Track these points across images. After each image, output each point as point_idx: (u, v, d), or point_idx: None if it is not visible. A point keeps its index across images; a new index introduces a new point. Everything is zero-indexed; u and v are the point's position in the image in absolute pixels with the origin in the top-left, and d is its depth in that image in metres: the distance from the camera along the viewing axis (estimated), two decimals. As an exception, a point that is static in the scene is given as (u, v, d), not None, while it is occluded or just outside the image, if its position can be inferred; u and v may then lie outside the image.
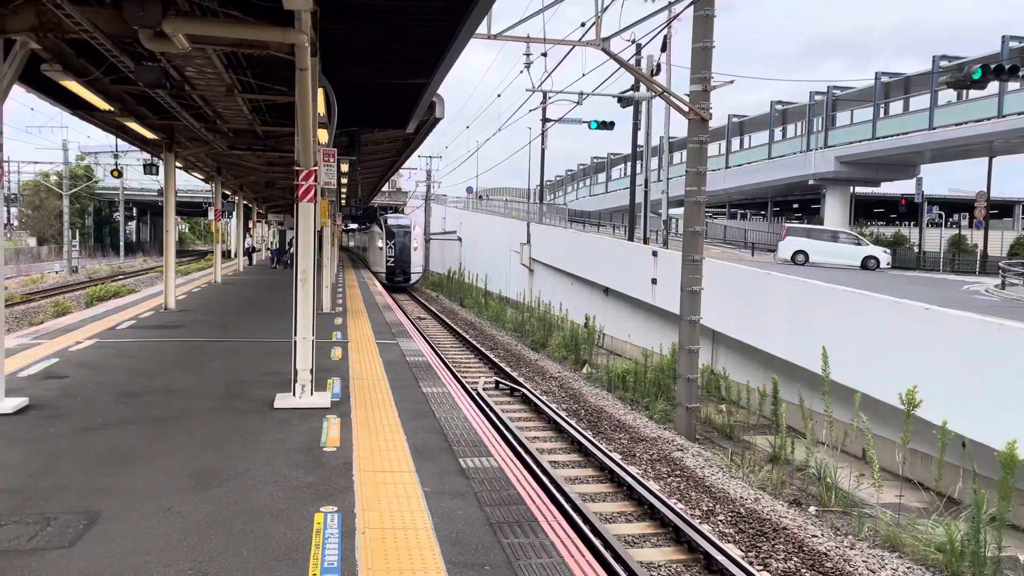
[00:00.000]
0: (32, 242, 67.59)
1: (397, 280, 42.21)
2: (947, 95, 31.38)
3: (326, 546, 4.70)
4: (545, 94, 30.41)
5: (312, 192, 8.42)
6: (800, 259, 28.00)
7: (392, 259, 42.56)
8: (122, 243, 65.79)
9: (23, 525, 4.88)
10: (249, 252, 39.94)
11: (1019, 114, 27.43)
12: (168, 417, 7.69)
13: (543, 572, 4.43)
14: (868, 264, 27.40)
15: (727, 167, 46.62)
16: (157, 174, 22.78)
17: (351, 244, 78.98)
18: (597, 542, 7.97)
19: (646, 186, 29.84)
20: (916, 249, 40.63)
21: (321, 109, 11.10)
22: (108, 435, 6.99)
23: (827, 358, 12.46)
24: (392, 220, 44.93)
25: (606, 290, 27.02)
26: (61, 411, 7.79)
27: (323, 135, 12.49)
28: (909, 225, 54.30)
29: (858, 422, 12.19)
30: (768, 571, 8.24)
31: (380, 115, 16.12)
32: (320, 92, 10.07)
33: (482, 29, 14.08)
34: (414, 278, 44.61)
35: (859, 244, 29.11)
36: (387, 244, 42.62)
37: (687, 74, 14.68)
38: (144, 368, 10.23)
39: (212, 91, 12.18)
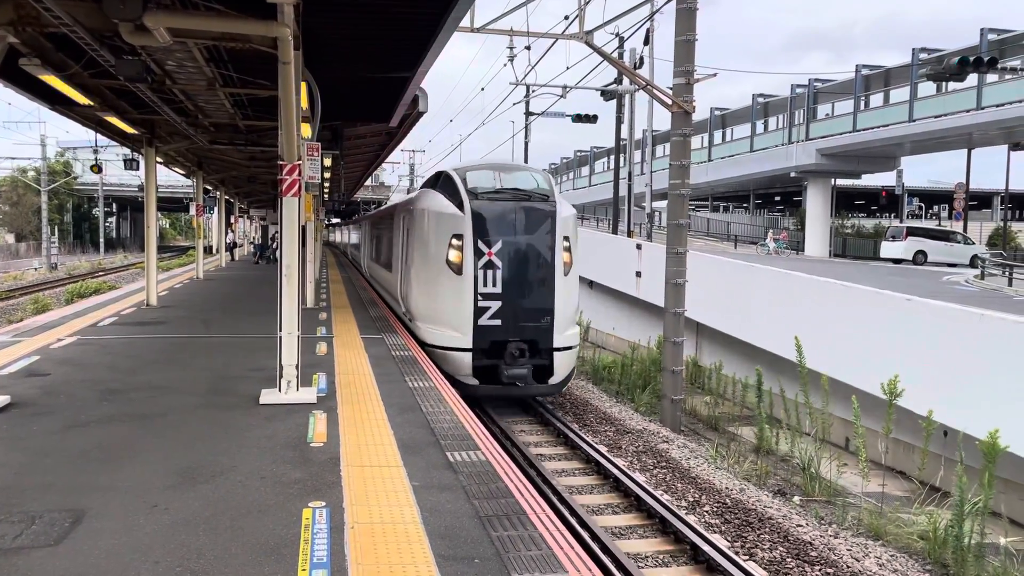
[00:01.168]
0: (10, 239, 66.93)
1: (514, 372, 12.79)
2: (927, 88, 31.64)
3: (315, 541, 4.69)
4: (528, 87, 30.39)
5: (296, 186, 8.37)
6: (920, 259, 30.05)
7: (497, 306, 12.97)
8: (102, 239, 65.19)
9: (7, 524, 4.83)
10: (231, 248, 39.66)
11: (998, 106, 27.70)
12: (153, 414, 7.63)
13: (533, 564, 4.44)
14: (975, 262, 29.08)
15: (710, 160, 46.81)
16: (137, 169, 22.61)
17: (341, 239, 57.98)
18: (585, 534, 8.01)
19: (629, 179, 29.91)
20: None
21: (304, 103, 11.03)
22: (92, 432, 6.93)
23: (800, 348, 12.56)
24: (484, 175, 13.99)
25: (591, 283, 27.09)
26: (44, 409, 7.72)
27: (306, 129, 12.41)
28: (890, 217, 54.78)
29: (833, 411, 12.30)
30: (754, 560, 8.30)
31: (363, 109, 16.06)
32: (303, 86, 10.01)
33: (465, 22, 14.03)
34: (560, 372, 13.41)
35: (969, 244, 31.40)
36: (475, 257, 12.92)
37: (670, 67, 14.71)
38: (127, 365, 10.15)
39: (193, 85, 12.09)
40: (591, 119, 27.80)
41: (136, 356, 10.81)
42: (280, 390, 8.38)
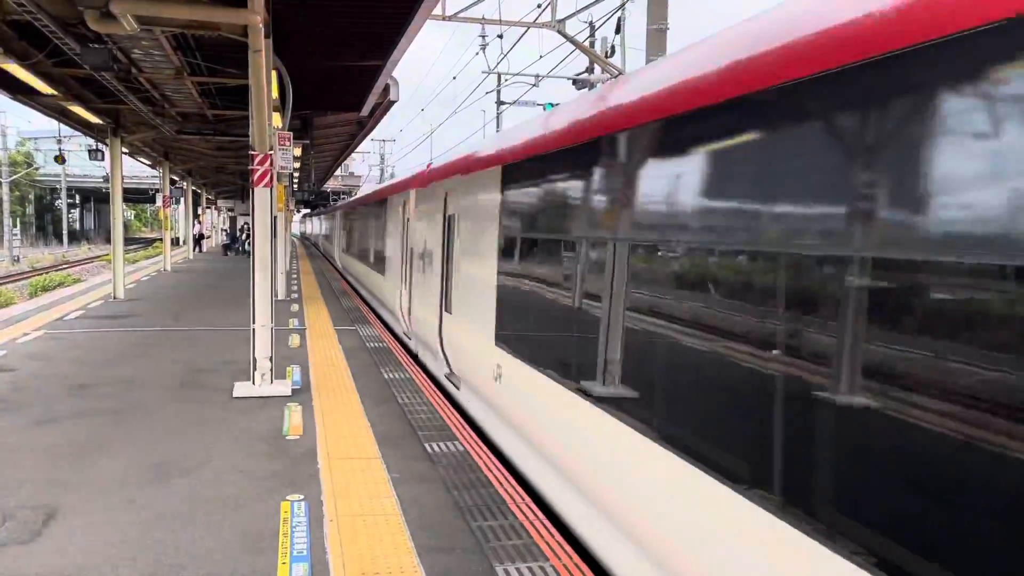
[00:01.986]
0: (-30, 231, 65.46)
1: None
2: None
3: (294, 534, 4.65)
4: (500, 76, 30.29)
5: (268, 177, 8.28)
6: None
7: None
8: (65, 231, 64.00)
9: (-22, 522, 4.74)
10: (198, 239, 39.08)
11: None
12: (124, 408, 7.52)
13: (515, 553, 4.44)
14: None
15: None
16: (102, 160, 22.20)
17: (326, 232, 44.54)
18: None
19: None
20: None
21: (275, 92, 10.90)
22: (63, 428, 6.82)
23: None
24: None
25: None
26: (12, 404, 7.57)
27: (277, 119, 12.27)
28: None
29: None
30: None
31: (334, 98, 15.89)
32: (274, 74, 9.88)
33: (437, 10, 13.92)
34: None
35: None
36: None
37: (643, 56, 14.73)
38: (96, 359, 9.98)
39: (160, 74, 11.89)
40: (562, 108, 27.73)
41: (105, 350, 10.64)
42: (254, 383, 8.31)
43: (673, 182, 3.99)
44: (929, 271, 2.48)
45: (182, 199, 36.54)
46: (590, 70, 26.61)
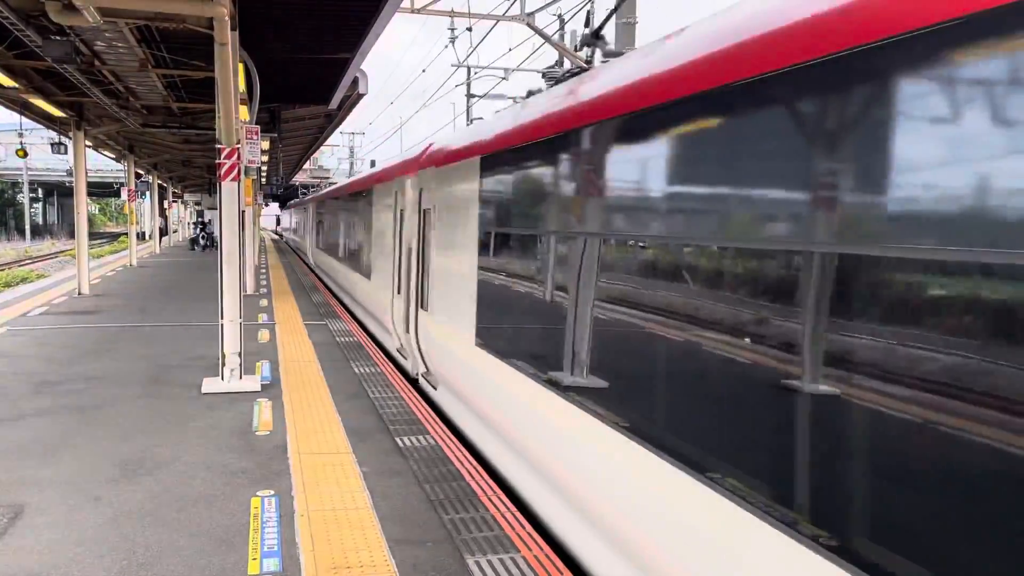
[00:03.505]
0: (-71, 226, 64.01)
1: None
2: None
3: (264, 530, 4.64)
4: (470, 69, 30.18)
5: (235, 171, 8.21)
6: None
7: None
8: (27, 226, 62.78)
9: (-59, 523, 4.67)
10: (161, 233, 38.48)
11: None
12: (91, 405, 7.44)
13: (486, 545, 4.47)
14: None
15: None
16: (65, 153, 21.82)
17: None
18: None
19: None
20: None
21: (241, 85, 10.80)
22: (28, 426, 6.72)
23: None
24: None
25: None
26: (-26, 403, 7.46)
27: (244, 112, 12.15)
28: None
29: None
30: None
31: (302, 91, 15.77)
32: (240, 67, 9.78)
33: (406, 3, 13.86)
34: None
35: None
36: None
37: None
38: (61, 356, 9.85)
39: (124, 66, 11.71)
40: (532, 101, 27.69)
41: (71, 346, 10.49)
42: (223, 379, 8.25)
43: None
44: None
45: (148, 193, 35.99)
46: (560, 63, 26.63)
